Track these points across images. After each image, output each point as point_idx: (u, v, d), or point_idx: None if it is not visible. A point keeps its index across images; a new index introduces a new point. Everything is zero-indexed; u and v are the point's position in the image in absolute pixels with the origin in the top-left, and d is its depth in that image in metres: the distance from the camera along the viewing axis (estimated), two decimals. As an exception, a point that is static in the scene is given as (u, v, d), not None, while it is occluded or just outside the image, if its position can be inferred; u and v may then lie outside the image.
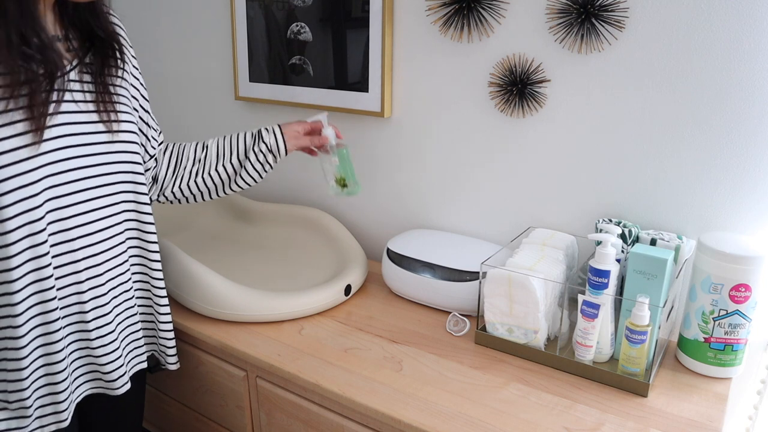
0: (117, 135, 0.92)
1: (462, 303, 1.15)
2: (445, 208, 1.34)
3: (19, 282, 0.82)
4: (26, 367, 0.86)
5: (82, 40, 0.91)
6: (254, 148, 1.12)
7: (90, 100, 0.89)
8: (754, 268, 0.90)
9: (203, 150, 1.13)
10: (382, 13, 1.26)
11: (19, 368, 0.85)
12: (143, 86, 1.04)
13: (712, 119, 1.00)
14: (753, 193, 0.99)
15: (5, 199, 0.79)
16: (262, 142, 1.12)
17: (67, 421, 0.92)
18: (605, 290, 0.96)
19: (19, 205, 0.80)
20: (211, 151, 1.13)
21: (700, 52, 0.98)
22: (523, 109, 1.17)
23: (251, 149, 1.13)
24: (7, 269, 0.81)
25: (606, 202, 1.13)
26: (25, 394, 0.87)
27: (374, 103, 1.32)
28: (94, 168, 0.89)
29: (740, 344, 0.95)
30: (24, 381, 0.86)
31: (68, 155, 0.86)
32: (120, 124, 0.92)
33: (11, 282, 0.82)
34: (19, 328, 0.84)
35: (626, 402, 0.91)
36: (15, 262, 0.81)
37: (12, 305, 0.83)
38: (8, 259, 0.81)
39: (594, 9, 1.03)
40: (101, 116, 0.90)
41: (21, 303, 0.83)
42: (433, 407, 0.90)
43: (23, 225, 0.81)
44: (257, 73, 1.50)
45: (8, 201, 0.79)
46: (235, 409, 1.14)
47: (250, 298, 1.13)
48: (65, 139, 0.85)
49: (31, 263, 0.84)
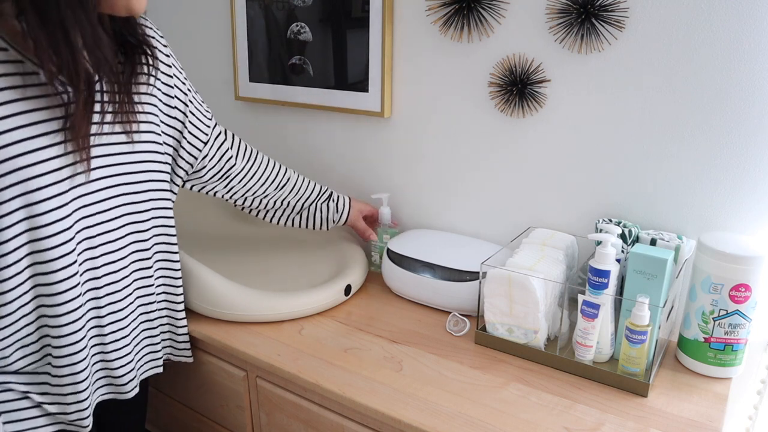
0: (137, 140, 0.91)
1: (462, 303, 1.15)
2: (445, 208, 1.34)
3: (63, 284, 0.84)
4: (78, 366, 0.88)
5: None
6: (319, 206, 1.26)
7: (115, 102, 0.88)
8: (754, 268, 0.90)
9: (279, 181, 1.20)
10: (382, 13, 1.26)
11: (73, 373, 0.88)
12: (183, 82, 1.02)
13: (712, 119, 1.00)
14: (753, 193, 0.99)
15: (40, 207, 0.79)
16: (332, 201, 1.27)
17: (88, 428, 0.92)
18: (605, 290, 0.96)
19: (54, 213, 0.80)
20: (286, 186, 1.21)
21: (700, 52, 0.98)
22: (523, 109, 1.17)
23: (317, 205, 1.26)
24: (52, 271, 0.83)
25: (606, 202, 1.13)
26: (80, 388, 0.89)
27: (374, 103, 1.32)
28: (120, 177, 0.89)
29: (740, 344, 0.95)
30: (77, 378, 0.89)
31: (95, 165, 0.85)
32: (140, 135, 0.91)
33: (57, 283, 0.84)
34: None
35: (626, 402, 0.91)
36: (59, 264, 0.83)
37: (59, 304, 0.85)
38: (53, 266, 0.82)
39: (594, 9, 1.03)
40: (124, 127, 0.89)
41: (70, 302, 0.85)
42: (433, 407, 0.90)
43: (61, 231, 0.82)
44: (257, 73, 1.50)
45: (44, 208, 0.80)
46: (235, 409, 1.14)
47: (250, 298, 1.13)
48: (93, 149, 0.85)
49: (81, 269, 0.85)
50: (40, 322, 0.85)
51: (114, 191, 0.88)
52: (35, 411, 0.88)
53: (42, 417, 0.89)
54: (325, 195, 1.26)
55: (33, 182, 0.77)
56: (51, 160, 0.79)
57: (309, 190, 1.24)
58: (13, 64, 0.76)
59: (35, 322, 0.85)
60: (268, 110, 1.55)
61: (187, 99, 1.02)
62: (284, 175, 1.20)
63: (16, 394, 0.86)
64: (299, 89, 1.44)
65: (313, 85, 1.41)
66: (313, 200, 1.25)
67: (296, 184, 1.22)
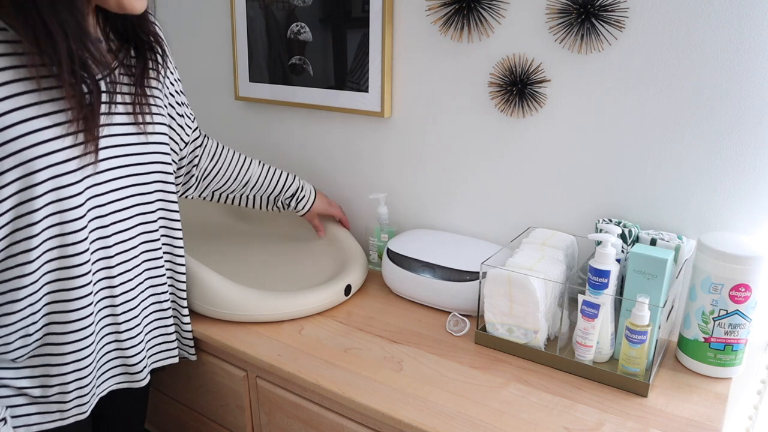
0: (150, 137, 0.94)
1: (462, 303, 1.15)
2: (445, 208, 1.34)
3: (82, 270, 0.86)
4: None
5: (122, 42, 0.91)
6: (282, 201, 1.32)
7: (128, 102, 0.90)
8: (754, 268, 0.90)
9: (242, 178, 1.25)
10: (382, 13, 1.25)
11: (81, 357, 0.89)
12: (179, 81, 1.07)
13: (712, 119, 1.00)
14: (753, 193, 0.99)
15: (37, 202, 0.80)
16: (295, 199, 1.32)
17: (87, 413, 0.93)
18: (605, 290, 0.96)
19: (56, 204, 0.81)
20: (249, 182, 1.26)
21: (700, 52, 0.98)
22: (523, 109, 1.17)
23: (280, 200, 1.32)
24: (75, 265, 0.84)
25: (606, 202, 1.13)
26: (84, 374, 0.90)
27: (374, 103, 1.32)
28: (130, 168, 0.91)
29: (740, 344, 0.95)
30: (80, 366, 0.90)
31: (106, 155, 0.87)
32: (154, 126, 0.94)
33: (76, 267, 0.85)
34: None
35: (626, 402, 0.91)
36: (81, 259, 0.85)
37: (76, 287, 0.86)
38: (75, 259, 0.84)
39: (594, 9, 1.03)
40: (136, 118, 0.91)
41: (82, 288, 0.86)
42: (433, 407, 0.90)
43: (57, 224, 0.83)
44: (257, 73, 1.50)
45: (43, 202, 0.80)
46: (235, 409, 1.14)
47: (250, 298, 1.13)
48: (104, 140, 0.86)
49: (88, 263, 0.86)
50: (48, 308, 0.85)
51: (124, 182, 0.90)
52: (32, 408, 0.88)
53: (37, 415, 0.89)
54: (288, 192, 1.31)
55: (53, 168, 0.79)
56: (61, 151, 0.80)
57: (272, 186, 1.29)
58: (11, 44, 0.77)
59: (41, 311, 0.85)
60: (268, 110, 1.55)
61: (182, 99, 1.07)
62: (247, 170, 1.25)
63: (11, 390, 0.86)
64: (299, 89, 1.44)
65: (313, 85, 1.41)
66: (275, 196, 1.31)
67: (259, 179, 1.27)
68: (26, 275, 0.81)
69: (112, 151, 0.88)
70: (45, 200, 0.80)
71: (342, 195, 1.49)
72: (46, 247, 0.82)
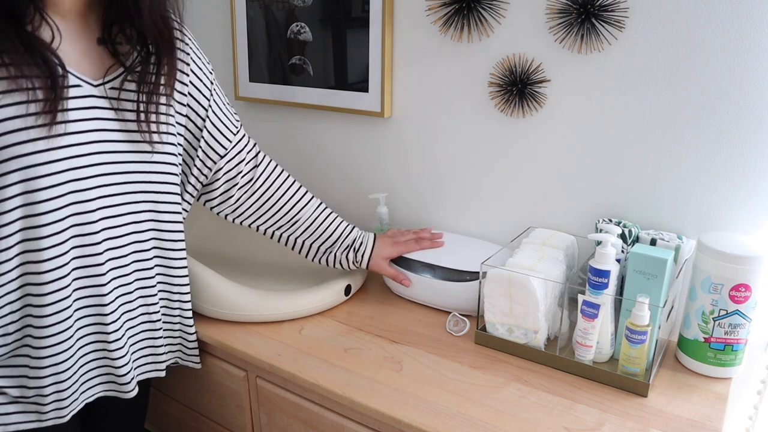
0: (155, 146, 0.90)
1: (462, 303, 1.15)
2: (445, 208, 1.34)
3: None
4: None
5: (133, 45, 0.87)
6: (339, 253, 1.16)
7: (131, 110, 0.87)
8: (754, 268, 0.90)
9: (292, 217, 1.13)
10: (382, 13, 1.26)
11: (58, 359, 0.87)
12: (207, 88, 0.99)
13: (712, 119, 1.00)
14: (753, 193, 0.99)
15: (7, 192, 0.78)
16: (353, 250, 1.16)
17: (67, 417, 0.91)
18: (605, 290, 0.96)
19: (26, 196, 0.80)
20: (300, 222, 1.13)
21: (699, 52, 0.98)
22: (523, 109, 1.17)
23: (337, 252, 1.16)
24: (43, 260, 0.83)
25: (606, 202, 1.13)
26: (63, 377, 0.89)
27: (374, 103, 1.32)
28: (123, 175, 0.88)
29: (740, 344, 0.95)
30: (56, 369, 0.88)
31: (96, 161, 0.85)
32: (161, 135, 0.90)
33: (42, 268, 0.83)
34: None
35: (626, 402, 0.91)
36: (49, 254, 0.83)
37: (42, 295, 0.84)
38: (43, 254, 0.82)
39: (594, 9, 1.03)
40: (140, 126, 0.88)
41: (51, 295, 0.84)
42: (433, 407, 0.90)
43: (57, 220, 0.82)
44: (257, 73, 1.50)
45: (13, 191, 0.79)
46: (235, 409, 1.14)
47: (250, 298, 1.13)
48: (96, 145, 0.84)
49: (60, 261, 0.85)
50: (25, 311, 0.84)
51: (116, 189, 0.88)
52: (11, 407, 0.87)
53: (16, 414, 0.88)
54: (346, 242, 1.16)
55: (32, 170, 0.78)
56: (25, 130, 0.78)
57: (328, 233, 1.14)
58: None
59: (19, 311, 0.84)
60: (268, 110, 1.55)
61: (209, 107, 1.01)
62: (302, 209, 1.12)
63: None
64: (299, 89, 1.44)
65: (313, 85, 1.41)
66: (329, 246, 1.16)
67: (314, 222, 1.13)
68: (1, 274, 0.80)
69: (105, 157, 0.85)
70: (14, 191, 0.78)
71: (342, 195, 1.49)
72: (17, 239, 0.80)
